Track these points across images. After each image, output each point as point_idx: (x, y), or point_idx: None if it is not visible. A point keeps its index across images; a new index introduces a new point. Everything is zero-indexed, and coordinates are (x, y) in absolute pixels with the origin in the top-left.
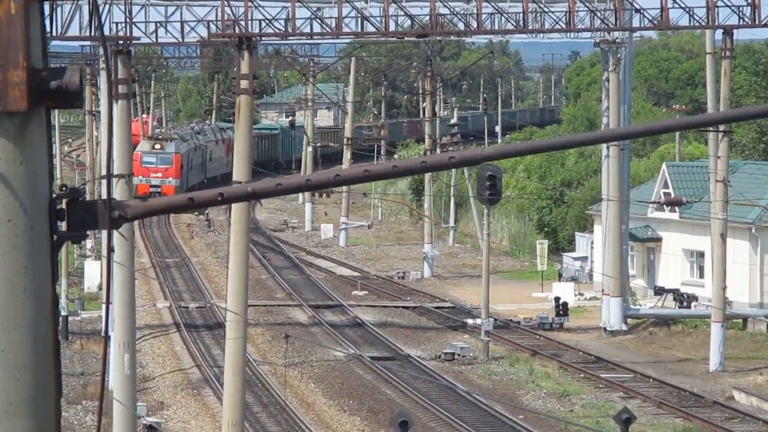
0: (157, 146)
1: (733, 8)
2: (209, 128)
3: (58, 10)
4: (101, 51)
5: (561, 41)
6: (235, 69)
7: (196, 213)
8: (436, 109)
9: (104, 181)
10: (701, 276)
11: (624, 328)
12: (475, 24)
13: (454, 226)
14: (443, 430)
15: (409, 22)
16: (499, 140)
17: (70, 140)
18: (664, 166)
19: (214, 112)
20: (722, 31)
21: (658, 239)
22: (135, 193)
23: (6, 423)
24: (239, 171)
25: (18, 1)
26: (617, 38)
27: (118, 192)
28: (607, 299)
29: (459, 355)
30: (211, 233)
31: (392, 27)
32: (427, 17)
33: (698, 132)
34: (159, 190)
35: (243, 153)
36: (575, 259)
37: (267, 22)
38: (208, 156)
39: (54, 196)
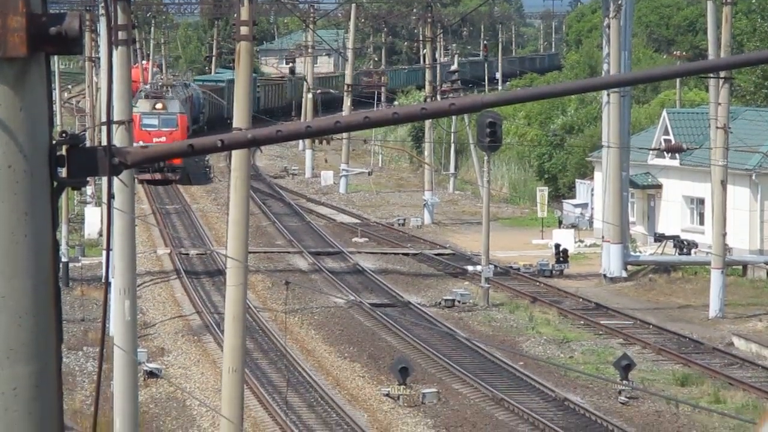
0: (159, 105)
1: None
2: (179, 84)
3: None
4: None
5: None
6: (235, 15)
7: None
8: (437, 55)
9: (104, 128)
10: (701, 223)
11: (624, 274)
12: None
13: (454, 173)
14: (443, 376)
15: None
16: (500, 87)
17: (69, 86)
18: (664, 112)
19: (214, 58)
20: None
21: (659, 186)
22: None
23: (7, 369)
24: (239, 118)
25: None
26: None
27: (118, 138)
28: (607, 246)
29: (459, 301)
30: (211, 180)
31: None
32: None
33: (698, 78)
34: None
35: (243, 99)
36: (575, 206)
37: None
38: None
39: (54, 142)
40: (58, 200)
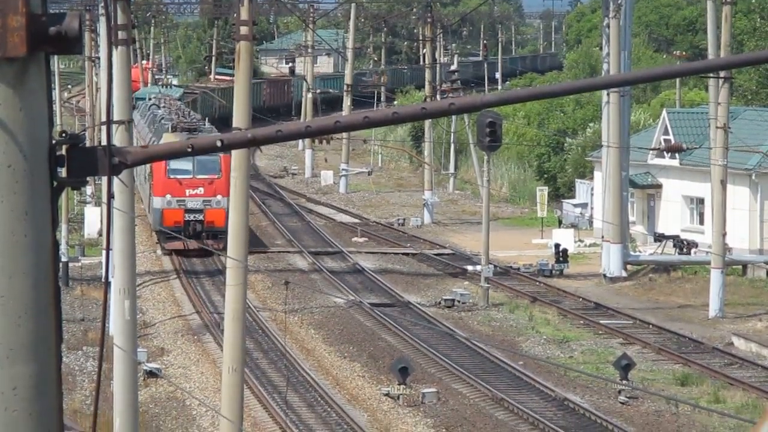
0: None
1: None
2: (165, 100)
3: None
4: None
5: None
6: (235, 15)
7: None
8: (437, 55)
9: (104, 127)
10: (701, 222)
11: (624, 274)
12: None
13: (454, 173)
14: (443, 376)
15: None
16: (500, 87)
17: (69, 86)
18: (664, 112)
19: (213, 58)
20: None
21: (658, 186)
22: (162, 222)
23: (6, 369)
24: (239, 118)
25: None
26: None
27: (118, 138)
28: (606, 246)
29: (459, 301)
30: None
31: None
32: None
33: (698, 78)
34: (201, 218)
35: (243, 99)
36: (575, 205)
37: None
38: None
39: (54, 142)
40: (58, 200)
